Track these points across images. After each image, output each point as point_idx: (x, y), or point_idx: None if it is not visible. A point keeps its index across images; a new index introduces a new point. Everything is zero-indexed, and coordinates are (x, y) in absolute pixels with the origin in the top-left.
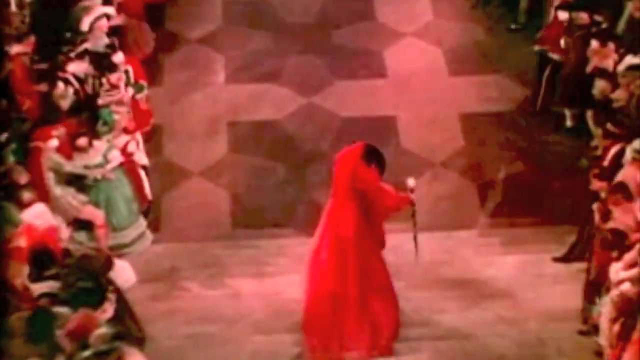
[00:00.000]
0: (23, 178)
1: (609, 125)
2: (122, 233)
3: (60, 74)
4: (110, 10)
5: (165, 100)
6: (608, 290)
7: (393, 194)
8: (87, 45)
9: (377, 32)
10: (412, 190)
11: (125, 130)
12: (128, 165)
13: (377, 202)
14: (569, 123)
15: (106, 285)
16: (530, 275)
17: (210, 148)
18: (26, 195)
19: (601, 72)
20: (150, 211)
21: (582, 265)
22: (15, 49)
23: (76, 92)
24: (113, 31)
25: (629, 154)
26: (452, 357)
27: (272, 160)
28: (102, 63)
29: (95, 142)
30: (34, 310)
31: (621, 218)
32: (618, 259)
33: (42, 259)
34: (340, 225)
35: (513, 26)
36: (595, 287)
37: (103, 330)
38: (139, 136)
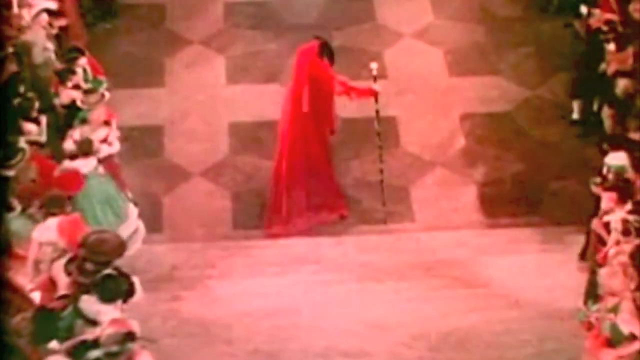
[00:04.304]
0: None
1: (604, 146)
2: (125, 224)
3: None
4: (52, 4)
5: (166, 100)
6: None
7: (350, 84)
8: (27, 38)
9: (377, 33)
10: (375, 79)
11: (106, 123)
12: (107, 159)
13: (326, 86)
14: (575, 115)
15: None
16: (530, 275)
17: (211, 148)
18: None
19: (622, 73)
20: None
21: (582, 264)
22: None
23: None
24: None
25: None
26: (452, 356)
27: (273, 161)
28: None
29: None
30: (38, 311)
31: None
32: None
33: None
34: (300, 104)
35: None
36: (595, 287)
37: (114, 330)
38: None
